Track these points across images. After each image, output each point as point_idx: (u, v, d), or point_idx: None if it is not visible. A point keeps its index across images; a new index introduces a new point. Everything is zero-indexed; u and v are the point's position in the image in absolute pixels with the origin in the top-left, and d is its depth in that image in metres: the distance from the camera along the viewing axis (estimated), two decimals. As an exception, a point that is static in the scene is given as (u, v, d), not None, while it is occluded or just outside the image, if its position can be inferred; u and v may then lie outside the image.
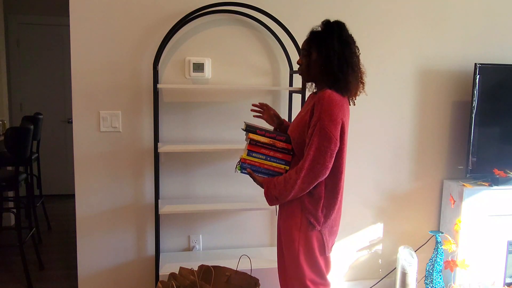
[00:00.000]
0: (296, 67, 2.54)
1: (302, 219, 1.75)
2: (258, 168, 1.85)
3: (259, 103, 2.13)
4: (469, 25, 2.83)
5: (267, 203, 2.47)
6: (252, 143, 1.83)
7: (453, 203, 2.78)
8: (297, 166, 1.70)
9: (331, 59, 1.70)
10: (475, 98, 2.70)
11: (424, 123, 2.86)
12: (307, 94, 2.41)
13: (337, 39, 1.72)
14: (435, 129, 2.88)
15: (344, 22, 1.78)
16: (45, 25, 4.92)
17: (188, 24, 2.41)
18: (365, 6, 2.68)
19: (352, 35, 1.78)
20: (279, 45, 2.55)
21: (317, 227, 1.74)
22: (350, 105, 1.81)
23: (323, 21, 1.78)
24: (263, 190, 1.83)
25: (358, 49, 1.78)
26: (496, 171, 2.76)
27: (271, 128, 2.07)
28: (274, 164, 1.84)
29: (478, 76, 2.68)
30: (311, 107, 1.71)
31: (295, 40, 2.39)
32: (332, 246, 1.83)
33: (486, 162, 2.79)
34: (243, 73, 2.59)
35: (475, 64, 2.67)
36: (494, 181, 2.76)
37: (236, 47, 2.56)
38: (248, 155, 1.83)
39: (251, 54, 2.58)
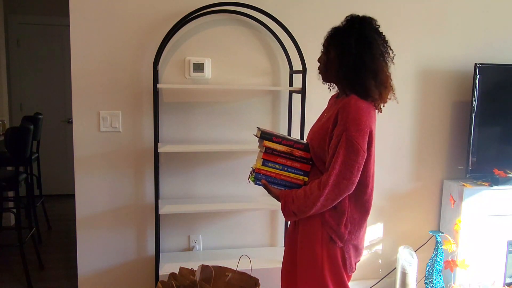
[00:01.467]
0: (296, 67, 2.54)
1: (323, 234, 1.59)
2: (274, 179, 1.68)
3: None
4: (469, 25, 2.83)
5: (267, 203, 2.50)
6: (267, 151, 1.65)
7: (453, 203, 2.78)
8: (320, 181, 1.54)
9: (346, 60, 1.54)
10: (475, 98, 2.70)
11: (424, 123, 2.86)
12: (311, 94, 2.41)
13: (356, 37, 1.54)
14: (435, 129, 2.88)
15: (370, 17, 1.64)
16: (45, 25, 4.92)
17: (188, 24, 2.41)
18: (365, 6, 2.68)
19: (383, 33, 1.61)
20: (279, 45, 2.55)
21: (338, 244, 1.59)
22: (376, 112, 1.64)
23: (348, 16, 1.61)
24: (267, 193, 1.71)
25: (390, 49, 1.61)
26: (496, 171, 2.76)
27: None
28: (292, 175, 1.68)
29: (478, 76, 2.67)
30: (335, 114, 1.55)
31: (295, 40, 2.39)
32: (357, 262, 1.69)
33: (486, 162, 2.79)
34: (243, 73, 2.59)
35: (475, 64, 2.67)
36: (494, 181, 2.76)
37: (236, 47, 2.56)
38: (263, 164, 1.66)
39: (251, 54, 2.58)
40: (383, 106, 1.65)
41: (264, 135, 1.66)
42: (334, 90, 1.78)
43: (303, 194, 1.57)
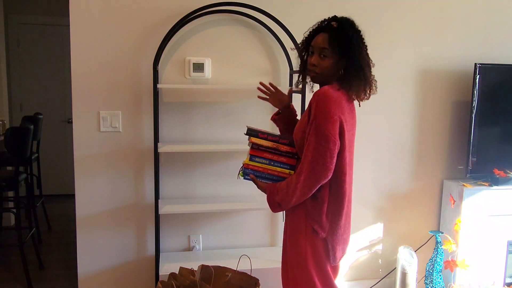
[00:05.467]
0: (296, 67, 2.54)
1: (307, 225, 1.66)
2: (262, 174, 1.75)
3: (269, 83, 1.94)
4: (469, 25, 2.83)
5: (267, 203, 2.49)
6: (254, 147, 1.73)
7: (453, 203, 2.78)
8: (297, 170, 1.63)
9: (359, 60, 1.63)
10: (475, 98, 2.70)
11: (424, 123, 2.86)
12: (311, 94, 2.41)
13: (356, 38, 1.64)
14: (435, 129, 2.88)
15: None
16: (45, 25, 4.91)
17: (188, 24, 2.41)
18: (366, 6, 2.68)
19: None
20: (279, 45, 2.55)
21: (321, 234, 1.64)
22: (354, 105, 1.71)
23: (332, 17, 1.68)
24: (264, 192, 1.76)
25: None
26: (496, 171, 2.76)
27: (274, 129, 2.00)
28: (279, 169, 1.75)
29: (478, 76, 2.67)
30: (309, 107, 1.62)
31: (295, 40, 2.39)
32: (342, 255, 1.73)
33: (486, 162, 2.79)
34: (243, 73, 2.59)
35: (475, 64, 2.67)
36: (494, 181, 2.76)
37: (236, 47, 2.56)
38: (250, 160, 1.74)
39: (251, 54, 2.58)
40: (367, 99, 1.71)
41: (250, 132, 1.74)
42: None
43: (286, 185, 1.65)
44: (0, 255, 3.41)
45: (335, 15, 1.69)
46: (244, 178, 1.77)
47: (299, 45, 1.78)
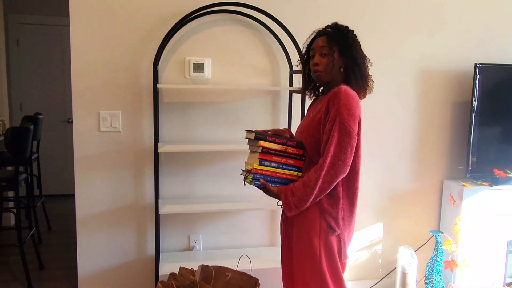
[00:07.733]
0: (296, 67, 2.54)
1: (322, 223, 1.65)
2: (271, 178, 1.72)
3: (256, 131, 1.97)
4: (469, 25, 2.83)
5: (267, 203, 2.50)
6: (264, 151, 1.70)
7: (453, 203, 2.78)
8: (316, 165, 1.62)
9: (356, 56, 1.71)
10: (475, 98, 2.70)
11: (424, 123, 2.86)
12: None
13: (353, 38, 1.74)
14: (435, 129, 2.88)
15: (344, 22, 1.79)
16: (45, 25, 4.92)
17: (188, 24, 2.42)
18: (366, 7, 2.68)
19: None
20: (279, 45, 2.55)
21: (337, 231, 1.65)
22: None
23: (332, 23, 1.78)
24: (263, 192, 1.75)
25: None
26: (496, 171, 2.76)
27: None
28: (287, 172, 1.74)
29: (478, 76, 2.68)
30: (326, 103, 1.64)
31: (295, 40, 2.39)
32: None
33: (486, 162, 2.79)
34: (243, 73, 2.59)
35: (475, 64, 2.67)
36: (494, 181, 2.76)
37: (236, 47, 2.56)
38: (260, 164, 1.70)
39: (251, 54, 2.58)
40: (364, 97, 1.80)
41: (258, 136, 1.71)
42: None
43: (302, 184, 1.64)
44: (0, 255, 3.41)
45: (328, 25, 1.79)
46: (255, 184, 1.72)
47: (301, 57, 1.87)
